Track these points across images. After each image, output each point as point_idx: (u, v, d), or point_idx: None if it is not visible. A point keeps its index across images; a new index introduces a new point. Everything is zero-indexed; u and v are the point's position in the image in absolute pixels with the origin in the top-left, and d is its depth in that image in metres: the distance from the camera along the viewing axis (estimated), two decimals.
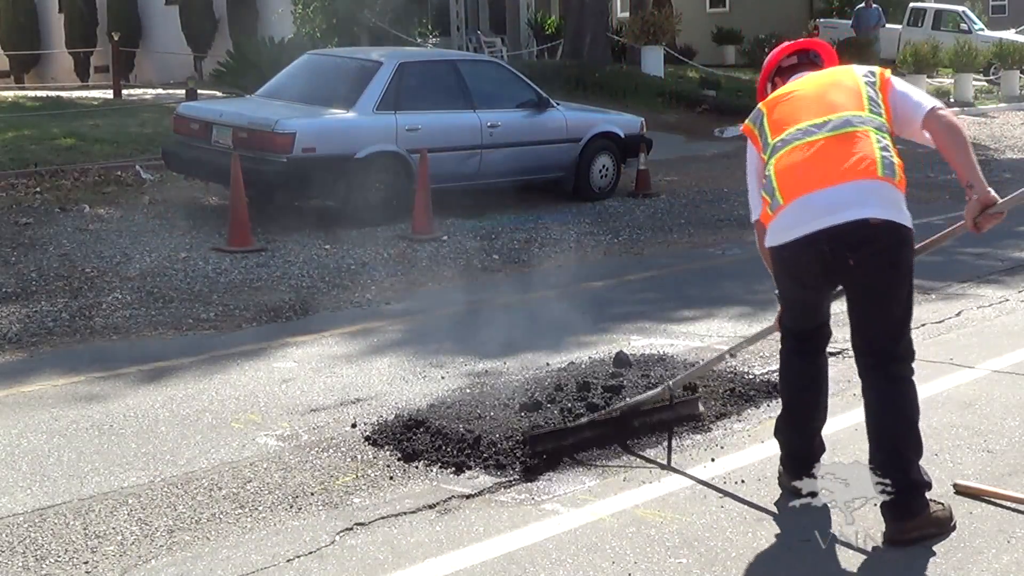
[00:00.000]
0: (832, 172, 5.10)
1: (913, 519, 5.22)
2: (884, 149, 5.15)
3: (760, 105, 5.65)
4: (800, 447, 5.76)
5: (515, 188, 14.95)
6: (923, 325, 9.14)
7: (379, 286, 10.84)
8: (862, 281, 5.19)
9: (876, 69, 5.57)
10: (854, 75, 5.50)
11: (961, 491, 5.83)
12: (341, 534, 5.46)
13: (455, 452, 6.38)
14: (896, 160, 5.15)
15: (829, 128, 5.22)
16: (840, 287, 5.38)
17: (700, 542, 5.37)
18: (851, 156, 5.11)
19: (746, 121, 5.67)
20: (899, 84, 5.49)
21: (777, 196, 5.21)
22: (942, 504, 5.42)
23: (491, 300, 10.49)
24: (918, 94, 5.45)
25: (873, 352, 5.31)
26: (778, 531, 5.47)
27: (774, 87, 5.85)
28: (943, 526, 5.33)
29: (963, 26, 36.88)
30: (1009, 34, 36.73)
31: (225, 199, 13.34)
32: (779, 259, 5.36)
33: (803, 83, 5.60)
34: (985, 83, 33.53)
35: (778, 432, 5.83)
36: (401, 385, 7.81)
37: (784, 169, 5.23)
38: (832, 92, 5.40)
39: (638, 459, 6.42)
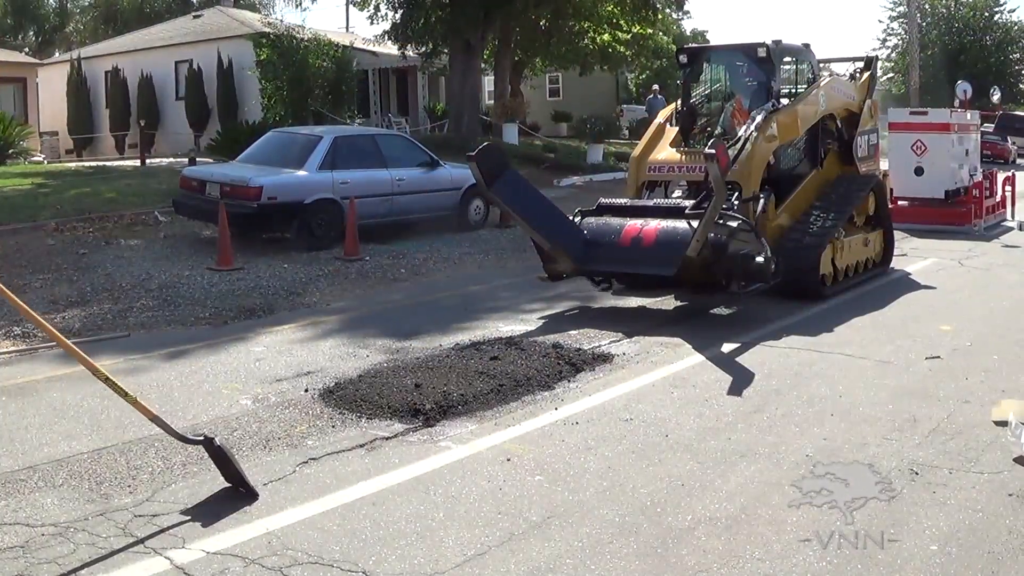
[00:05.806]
0: None
1: None
2: None
3: None
4: None
5: (416, 222, 14.92)
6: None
7: (322, 293, 10.76)
8: None
9: None
10: None
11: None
12: (299, 466, 5.46)
13: (378, 408, 6.43)
14: None
15: None
16: None
17: (548, 465, 5.46)
18: None
19: None
20: None
21: None
22: None
23: (401, 301, 10.47)
24: None
25: None
26: (599, 452, 5.56)
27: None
28: None
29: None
30: None
31: (215, 233, 13.12)
32: None
33: None
34: None
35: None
36: (339, 362, 7.79)
37: None
38: None
39: (510, 406, 6.52)
